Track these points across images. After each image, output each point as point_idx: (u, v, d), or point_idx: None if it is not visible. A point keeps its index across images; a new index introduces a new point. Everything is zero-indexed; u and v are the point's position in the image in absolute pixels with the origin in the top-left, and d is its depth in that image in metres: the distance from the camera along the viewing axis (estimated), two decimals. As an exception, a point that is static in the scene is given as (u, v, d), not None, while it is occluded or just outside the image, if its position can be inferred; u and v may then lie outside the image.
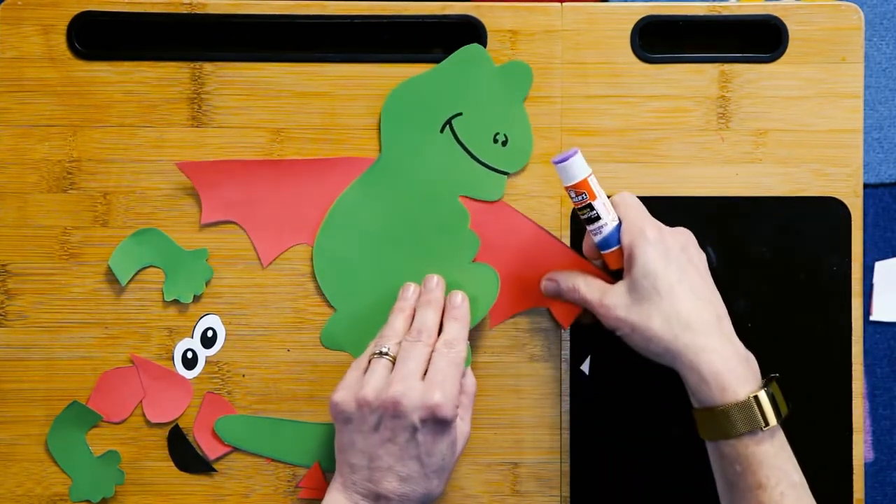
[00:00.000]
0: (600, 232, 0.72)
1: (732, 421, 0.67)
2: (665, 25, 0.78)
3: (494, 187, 0.78)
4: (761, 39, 0.78)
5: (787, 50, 0.78)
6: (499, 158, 0.78)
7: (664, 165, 0.78)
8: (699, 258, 0.72)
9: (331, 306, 0.78)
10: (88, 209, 0.78)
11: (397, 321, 0.73)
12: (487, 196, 0.78)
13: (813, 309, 0.78)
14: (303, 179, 0.78)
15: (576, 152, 0.70)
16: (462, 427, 0.72)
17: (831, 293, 0.78)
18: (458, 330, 0.73)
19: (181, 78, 0.78)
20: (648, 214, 0.72)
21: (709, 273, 0.72)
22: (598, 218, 0.71)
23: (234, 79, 0.78)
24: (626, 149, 0.78)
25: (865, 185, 0.81)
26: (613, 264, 0.72)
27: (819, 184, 0.78)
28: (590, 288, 0.72)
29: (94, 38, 0.78)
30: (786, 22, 0.78)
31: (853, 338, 0.78)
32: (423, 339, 0.71)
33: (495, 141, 0.78)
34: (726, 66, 0.78)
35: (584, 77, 0.78)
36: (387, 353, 0.71)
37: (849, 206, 0.78)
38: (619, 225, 0.71)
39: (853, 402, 0.78)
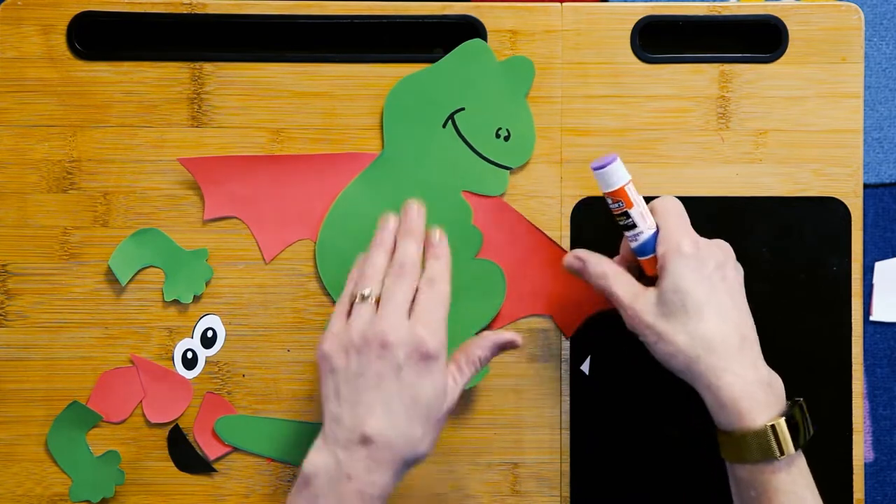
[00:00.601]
0: (636, 239, 0.71)
1: (748, 447, 0.66)
2: (665, 25, 0.78)
3: (497, 182, 0.78)
4: (761, 39, 0.78)
5: (787, 50, 0.78)
6: (501, 153, 0.78)
7: (664, 165, 0.78)
8: (734, 275, 0.70)
9: (333, 302, 0.78)
10: (88, 209, 0.78)
11: (379, 257, 0.69)
12: (490, 191, 0.78)
13: (813, 309, 0.78)
14: (306, 174, 0.78)
15: (615, 159, 0.69)
16: (452, 388, 0.68)
17: (831, 293, 0.78)
18: (439, 268, 0.69)
19: (181, 78, 0.78)
20: (688, 223, 0.71)
21: (742, 292, 0.70)
22: (634, 225, 0.70)
23: (234, 79, 0.78)
24: (626, 149, 0.78)
25: (865, 185, 0.81)
26: (650, 271, 0.71)
27: (819, 184, 0.78)
28: (620, 284, 0.71)
29: (94, 38, 0.78)
30: (786, 22, 0.78)
31: (853, 338, 0.78)
32: (407, 272, 0.68)
33: (497, 136, 0.78)
34: (726, 66, 0.78)
35: (584, 77, 0.78)
36: (369, 296, 0.68)
37: (849, 206, 0.78)
38: (657, 232, 0.70)
39: (853, 402, 0.78)
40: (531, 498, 0.78)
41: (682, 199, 0.77)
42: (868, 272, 0.81)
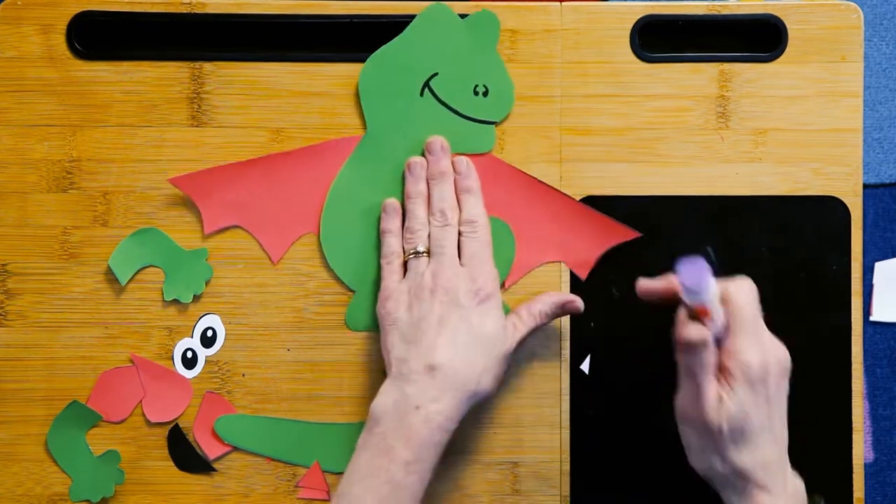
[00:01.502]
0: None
1: None
2: (665, 25, 0.78)
3: (484, 139, 0.78)
4: (761, 39, 0.79)
5: (787, 49, 0.78)
6: (482, 109, 0.78)
7: (664, 165, 0.78)
8: (787, 384, 0.68)
9: (349, 289, 0.78)
10: (88, 209, 0.78)
11: (419, 209, 0.75)
12: (479, 148, 0.78)
13: (813, 308, 0.78)
14: (296, 169, 0.78)
15: (707, 275, 0.64)
16: (512, 332, 0.72)
17: (831, 293, 0.78)
18: (473, 204, 0.75)
19: (181, 78, 0.78)
20: (758, 322, 0.67)
21: (786, 399, 0.68)
22: (704, 325, 0.66)
23: (234, 79, 0.78)
24: (625, 148, 0.78)
25: (865, 186, 0.81)
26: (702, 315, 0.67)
27: (819, 183, 0.78)
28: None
29: (94, 38, 0.78)
30: (785, 21, 0.78)
31: (853, 338, 0.78)
32: (449, 219, 0.73)
33: (476, 93, 0.78)
34: (726, 66, 0.78)
35: (583, 76, 0.78)
36: (423, 253, 0.73)
37: (849, 205, 0.78)
38: (724, 323, 0.67)
39: (853, 402, 0.78)
40: (531, 497, 0.78)
41: (681, 198, 0.77)
42: (868, 272, 0.81)
